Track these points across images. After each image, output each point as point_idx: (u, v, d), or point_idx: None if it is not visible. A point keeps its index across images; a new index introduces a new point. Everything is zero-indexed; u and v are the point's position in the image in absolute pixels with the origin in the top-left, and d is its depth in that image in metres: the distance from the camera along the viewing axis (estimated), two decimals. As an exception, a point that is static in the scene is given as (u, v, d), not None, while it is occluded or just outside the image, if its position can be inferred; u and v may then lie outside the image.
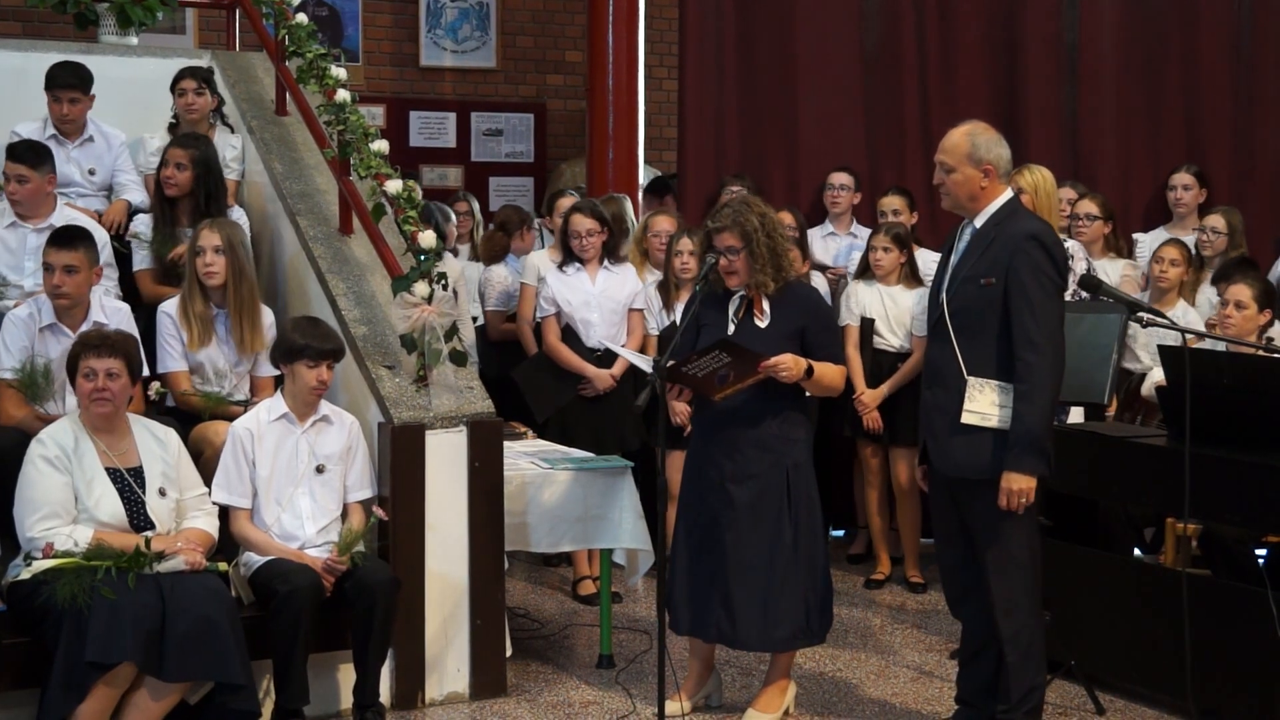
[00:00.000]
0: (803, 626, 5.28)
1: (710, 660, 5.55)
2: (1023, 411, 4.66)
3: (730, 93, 8.10)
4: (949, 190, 4.87)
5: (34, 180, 6.12)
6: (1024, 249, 4.70)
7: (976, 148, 4.82)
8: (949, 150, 4.85)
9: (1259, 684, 5.12)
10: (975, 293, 4.76)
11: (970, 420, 4.73)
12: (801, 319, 5.23)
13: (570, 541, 6.08)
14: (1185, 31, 8.63)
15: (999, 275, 4.71)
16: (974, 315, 4.75)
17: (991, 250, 4.75)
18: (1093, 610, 5.72)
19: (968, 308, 4.77)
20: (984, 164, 4.82)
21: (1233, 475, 5.16)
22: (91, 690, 4.65)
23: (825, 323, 5.35)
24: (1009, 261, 4.70)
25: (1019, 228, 4.76)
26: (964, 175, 4.82)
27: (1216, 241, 7.38)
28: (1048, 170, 6.56)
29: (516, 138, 11.21)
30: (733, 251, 5.19)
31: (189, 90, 6.98)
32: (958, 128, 4.91)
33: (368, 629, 5.18)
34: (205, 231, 5.85)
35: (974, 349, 4.75)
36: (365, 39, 10.81)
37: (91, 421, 5.08)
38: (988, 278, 4.73)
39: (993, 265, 4.73)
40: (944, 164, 4.86)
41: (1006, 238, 4.74)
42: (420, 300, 5.57)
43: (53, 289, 5.54)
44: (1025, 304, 4.68)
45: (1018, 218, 4.82)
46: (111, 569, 4.77)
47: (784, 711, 5.46)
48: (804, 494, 5.26)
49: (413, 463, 5.51)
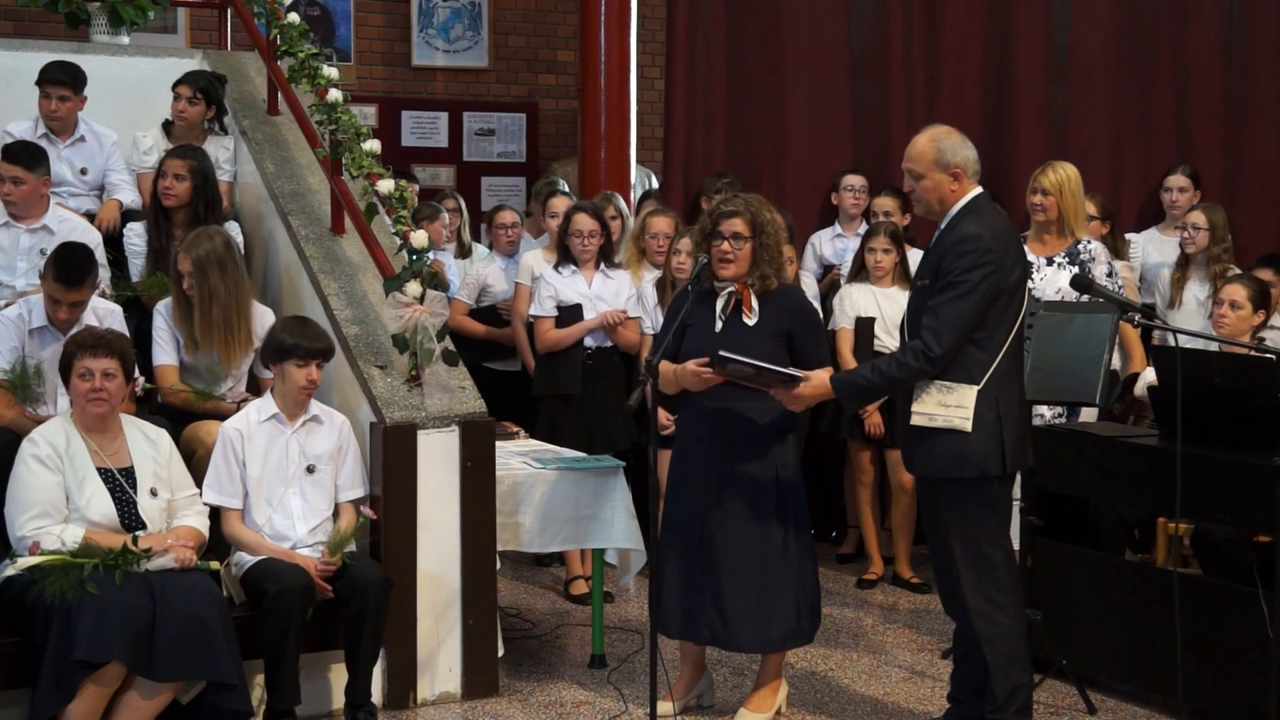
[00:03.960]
0: (795, 626, 5.28)
1: (701, 661, 5.55)
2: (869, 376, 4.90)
3: (718, 93, 8.10)
4: (919, 197, 4.90)
5: (30, 182, 6.12)
6: (951, 251, 4.75)
7: (943, 152, 4.82)
8: (915, 158, 4.86)
9: (1250, 683, 5.12)
10: (916, 294, 4.90)
11: (917, 421, 4.79)
12: (789, 321, 5.23)
13: (562, 541, 6.08)
14: (1176, 32, 8.65)
15: (931, 275, 4.80)
16: (916, 316, 4.84)
17: (934, 252, 4.84)
18: (1084, 610, 5.73)
19: (914, 308, 4.88)
20: (952, 167, 4.82)
21: (1223, 475, 5.17)
22: (80, 689, 4.64)
23: (811, 325, 5.35)
24: (938, 261, 4.78)
25: (961, 229, 4.78)
26: (933, 181, 4.84)
27: (1199, 238, 7.38)
28: (1072, 167, 6.50)
29: (508, 137, 11.20)
30: (739, 239, 5.17)
31: (183, 97, 6.98)
32: (921, 134, 4.91)
33: (360, 629, 5.18)
34: (180, 254, 5.79)
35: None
36: (357, 38, 10.79)
37: (84, 421, 5.08)
38: (923, 279, 4.86)
39: (930, 266, 4.83)
40: (912, 171, 4.87)
41: (950, 239, 4.79)
42: (412, 300, 5.57)
43: (61, 323, 5.52)
44: (935, 299, 4.74)
45: (967, 219, 4.82)
46: (99, 566, 4.77)
47: (776, 711, 5.46)
48: (793, 493, 5.26)
49: (405, 462, 5.51)
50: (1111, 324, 5.47)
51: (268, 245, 6.84)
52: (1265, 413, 5.17)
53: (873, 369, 4.91)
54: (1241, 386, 5.25)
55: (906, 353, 4.79)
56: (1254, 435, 5.19)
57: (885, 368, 4.86)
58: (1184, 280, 7.37)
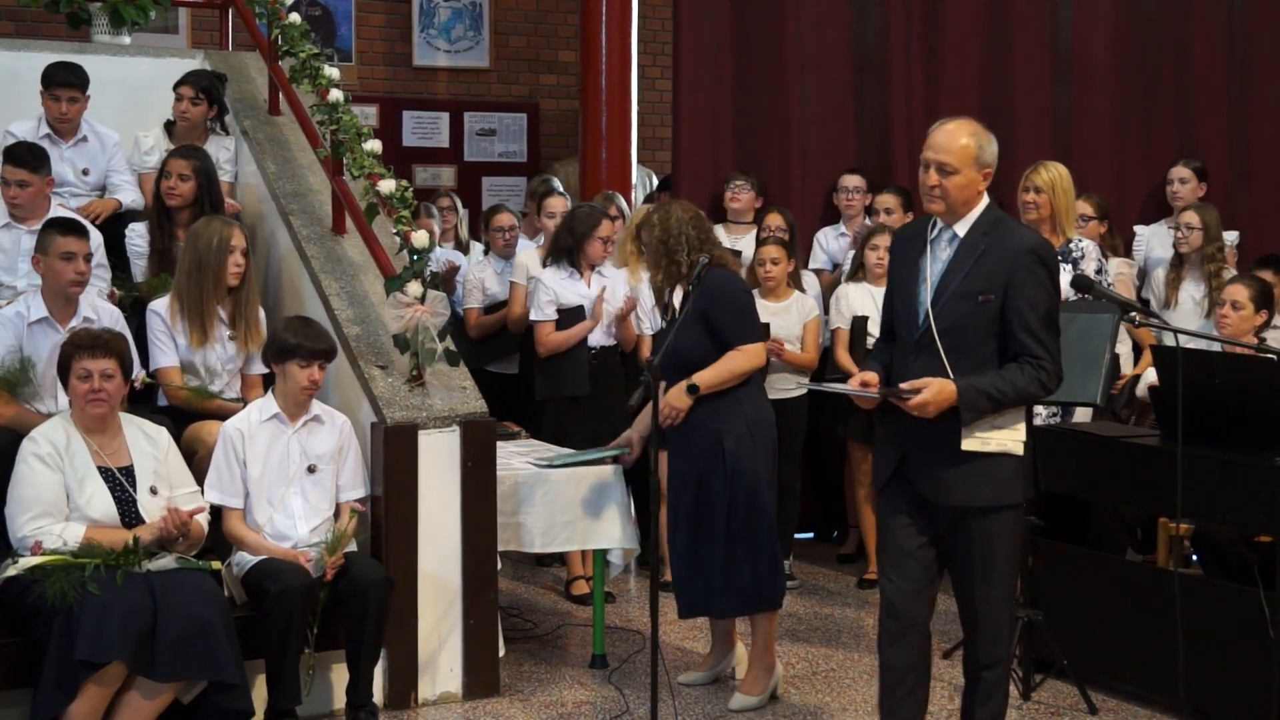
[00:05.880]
0: (751, 595, 5.49)
1: (727, 636, 5.76)
2: (1002, 388, 4.29)
3: (724, 93, 8.11)
4: (946, 193, 4.38)
5: (35, 184, 6.14)
6: (1027, 265, 4.31)
7: (983, 150, 4.40)
8: (952, 150, 4.38)
9: (1251, 683, 5.12)
10: (971, 309, 4.34)
11: (971, 447, 4.33)
12: (705, 302, 5.40)
13: (563, 541, 6.08)
14: (1178, 32, 8.65)
15: (996, 291, 4.31)
16: (968, 333, 4.35)
17: (985, 263, 4.35)
18: (1085, 610, 5.72)
19: (962, 325, 4.35)
20: (986, 168, 4.41)
21: (1225, 475, 5.17)
22: (82, 689, 4.64)
23: (720, 302, 5.46)
24: (1008, 277, 4.31)
25: (1017, 241, 4.37)
26: (967, 179, 4.37)
27: (1192, 237, 7.37)
28: (1063, 167, 6.50)
29: (510, 137, 11.20)
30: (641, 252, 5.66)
31: (185, 97, 6.98)
32: (954, 125, 4.44)
33: (361, 629, 5.18)
34: (237, 232, 5.90)
35: (967, 368, 4.32)
36: (358, 39, 10.80)
37: (84, 421, 5.08)
38: (985, 294, 4.32)
39: (989, 280, 4.33)
40: (946, 165, 4.37)
41: (1003, 251, 4.34)
42: (413, 300, 5.57)
43: (78, 275, 5.58)
44: (1031, 322, 4.31)
45: (1008, 228, 4.43)
46: (100, 566, 4.77)
47: (770, 694, 5.51)
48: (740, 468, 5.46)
49: (406, 463, 5.51)
50: (1113, 324, 5.47)
51: (269, 245, 6.84)
52: (1267, 413, 5.17)
53: (1004, 380, 4.30)
54: (1243, 386, 5.25)
55: (1040, 372, 4.30)
56: (1255, 435, 5.19)
57: (1022, 383, 4.30)
58: (1178, 280, 7.36)
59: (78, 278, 5.58)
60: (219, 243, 5.82)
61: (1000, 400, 4.31)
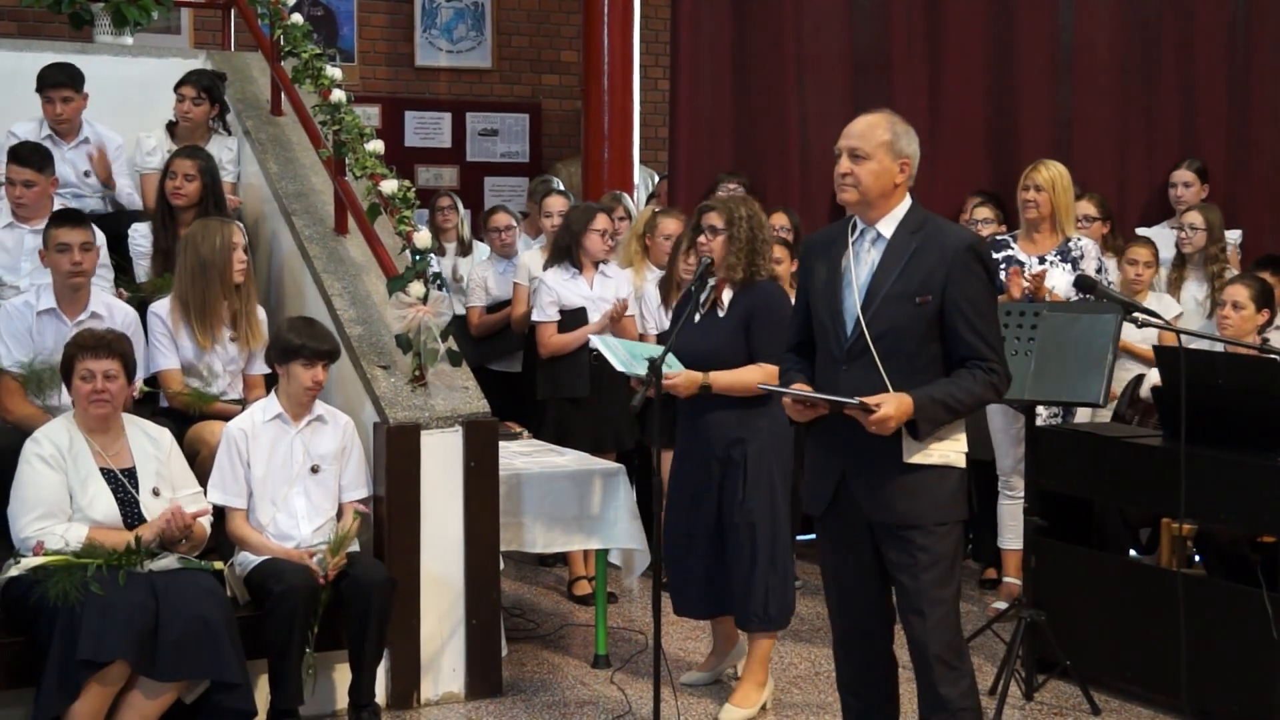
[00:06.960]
0: (760, 614, 5.40)
1: (729, 634, 5.74)
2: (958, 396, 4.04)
3: (723, 93, 8.10)
4: (859, 181, 4.12)
5: (40, 183, 6.16)
6: (965, 262, 4.07)
7: (898, 137, 4.13)
8: (863, 135, 4.14)
9: (1254, 684, 5.12)
10: (908, 312, 4.07)
11: (914, 459, 4.07)
12: (750, 312, 5.35)
13: (565, 542, 6.09)
14: (1180, 31, 8.64)
15: (934, 291, 4.06)
16: (906, 338, 4.08)
17: (919, 263, 4.09)
18: (1088, 610, 5.72)
19: (898, 329, 4.08)
20: (902, 158, 4.13)
21: (1228, 475, 5.17)
22: (84, 689, 4.64)
23: (767, 319, 5.32)
24: (946, 276, 4.06)
25: (954, 238, 4.13)
26: (881, 166, 4.11)
27: (1195, 238, 7.37)
28: (1063, 166, 6.51)
29: (512, 138, 11.21)
30: (714, 231, 5.38)
31: (187, 98, 6.99)
32: (871, 115, 4.21)
33: (363, 629, 5.18)
34: (237, 230, 5.93)
35: (904, 375, 4.06)
36: (360, 39, 10.81)
37: (86, 422, 5.08)
38: (923, 295, 4.07)
39: (926, 280, 4.07)
40: (856, 150, 4.12)
41: (939, 249, 4.09)
42: (415, 300, 5.57)
43: (74, 265, 5.59)
44: (976, 322, 4.08)
45: (939, 225, 4.18)
46: (102, 566, 4.77)
47: (761, 707, 5.51)
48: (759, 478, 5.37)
49: (408, 463, 5.51)
50: (1115, 324, 5.47)
51: (271, 245, 6.85)
52: (1269, 413, 5.18)
53: (959, 389, 4.06)
54: (1246, 387, 5.25)
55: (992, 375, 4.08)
56: (1258, 436, 5.19)
57: (977, 390, 4.07)
58: (1181, 280, 7.37)
59: (74, 268, 5.60)
60: (222, 242, 5.82)
61: (957, 410, 4.07)
